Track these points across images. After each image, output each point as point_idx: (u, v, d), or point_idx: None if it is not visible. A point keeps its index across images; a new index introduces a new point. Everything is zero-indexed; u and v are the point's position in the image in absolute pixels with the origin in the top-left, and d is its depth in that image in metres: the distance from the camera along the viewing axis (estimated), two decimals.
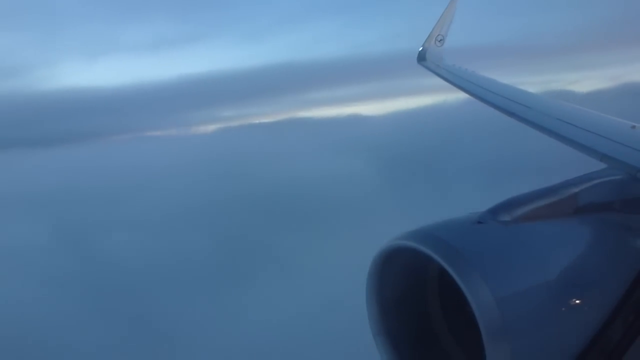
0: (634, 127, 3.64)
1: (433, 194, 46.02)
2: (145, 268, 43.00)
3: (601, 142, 3.38)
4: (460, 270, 1.99)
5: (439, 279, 2.39)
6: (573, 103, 4.79)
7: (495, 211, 2.31)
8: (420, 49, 9.03)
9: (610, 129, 3.69)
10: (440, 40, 9.01)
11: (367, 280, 2.36)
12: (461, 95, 6.69)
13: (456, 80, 7.19)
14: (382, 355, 2.37)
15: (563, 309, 2.07)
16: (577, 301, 2.10)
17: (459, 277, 1.98)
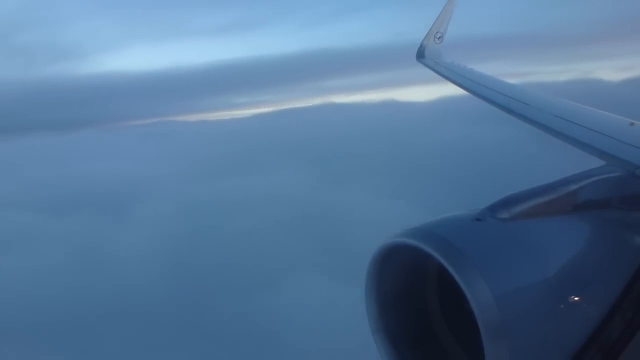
0: (632, 124, 3.64)
1: (432, 191, 45.99)
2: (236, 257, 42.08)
3: (600, 139, 3.38)
4: (459, 268, 2.00)
5: (438, 276, 2.39)
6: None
7: (494, 208, 2.31)
8: (419, 46, 9.03)
9: (608, 126, 3.69)
10: (439, 37, 9.00)
11: (366, 278, 2.36)
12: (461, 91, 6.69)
13: (455, 77, 7.19)
14: (380, 352, 2.38)
15: (562, 306, 2.07)
16: (576, 298, 2.10)
17: (458, 274, 1.98)
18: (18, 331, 32.90)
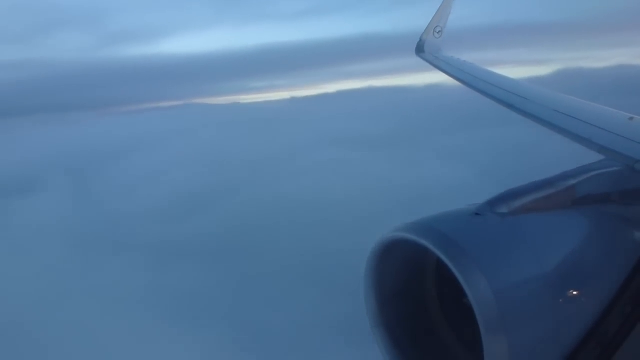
0: (632, 118, 3.64)
1: (429, 187, 46.00)
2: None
3: (599, 133, 3.38)
4: (458, 263, 2.00)
5: (437, 271, 2.39)
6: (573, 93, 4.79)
7: (493, 203, 2.31)
8: (419, 40, 9.01)
9: (608, 120, 3.69)
10: (439, 31, 8.97)
11: (365, 272, 2.36)
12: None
13: (454, 72, 7.17)
14: (380, 347, 2.38)
15: (561, 300, 2.07)
16: (575, 293, 2.11)
17: (457, 269, 1.98)
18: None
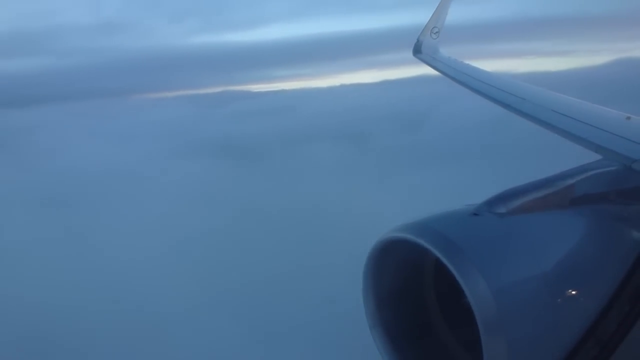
0: (628, 118, 3.65)
1: (427, 186, 45.98)
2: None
3: (596, 133, 3.39)
4: (457, 263, 2.00)
5: (435, 271, 2.39)
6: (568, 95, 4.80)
7: (491, 203, 2.31)
8: (416, 41, 9.02)
9: (605, 120, 3.69)
10: (436, 32, 8.98)
11: (363, 273, 2.36)
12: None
13: (451, 72, 7.18)
14: (378, 347, 2.38)
15: (559, 300, 2.08)
16: (573, 292, 2.11)
17: (455, 269, 1.98)
18: None
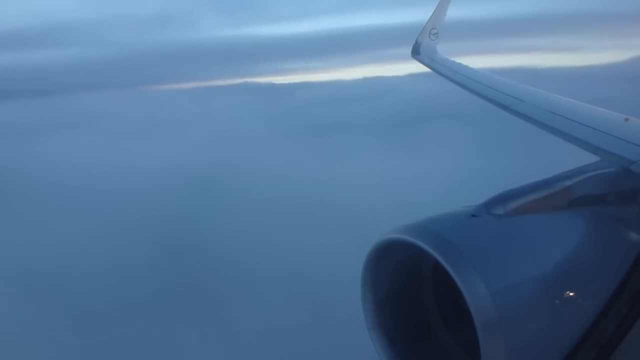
0: (627, 119, 3.65)
1: (425, 186, 45.96)
2: None
3: (594, 134, 3.39)
4: (455, 264, 1.99)
5: (434, 273, 2.39)
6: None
7: (489, 204, 2.31)
8: (414, 42, 9.03)
9: (603, 121, 3.70)
10: (435, 33, 9.00)
11: (361, 274, 2.36)
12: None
13: (450, 74, 7.19)
14: (377, 348, 2.38)
15: (557, 301, 2.07)
16: (571, 294, 2.11)
17: (454, 270, 1.98)
18: None
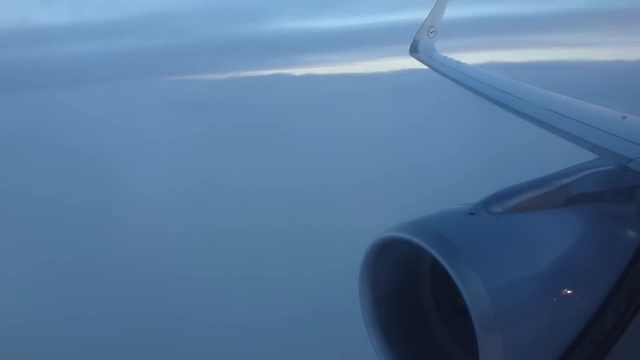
0: (624, 117, 3.65)
1: (423, 183, 45.96)
2: None
3: (592, 132, 3.39)
4: (453, 262, 2.00)
5: (432, 271, 2.39)
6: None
7: (487, 202, 2.31)
8: (412, 40, 9.02)
9: (601, 119, 3.70)
10: (433, 31, 8.99)
11: (360, 272, 2.36)
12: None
13: (448, 72, 7.18)
14: (375, 346, 2.38)
15: (555, 299, 2.08)
16: (569, 291, 2.11)
17: (451, 268, 1.98)
18: None
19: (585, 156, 3.04)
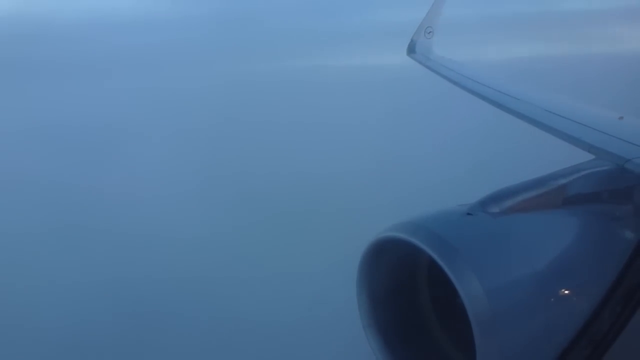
0: (621, 118, 3.66)
1: (420, 183, 45.99)
2: None
3: (589, 133, 3.39)
4: (450, 262, 1.99)
5: (429, 271, 2.39)
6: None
7: (484, 203, 2.31)
8: (410, 41, 9.02)
9: (597, 120, 3.70)
10: (430, 32, 8.99)
11: (357, 272, 2.35)
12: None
13: (445, 72, 7.19)
14: (372, 347, 2.37)
15: (552, 299, 2.08)
16: (566, 292, 2.11)
17: (449, 268, 1.98)
18: None
19: (582, 157, 3.04)
